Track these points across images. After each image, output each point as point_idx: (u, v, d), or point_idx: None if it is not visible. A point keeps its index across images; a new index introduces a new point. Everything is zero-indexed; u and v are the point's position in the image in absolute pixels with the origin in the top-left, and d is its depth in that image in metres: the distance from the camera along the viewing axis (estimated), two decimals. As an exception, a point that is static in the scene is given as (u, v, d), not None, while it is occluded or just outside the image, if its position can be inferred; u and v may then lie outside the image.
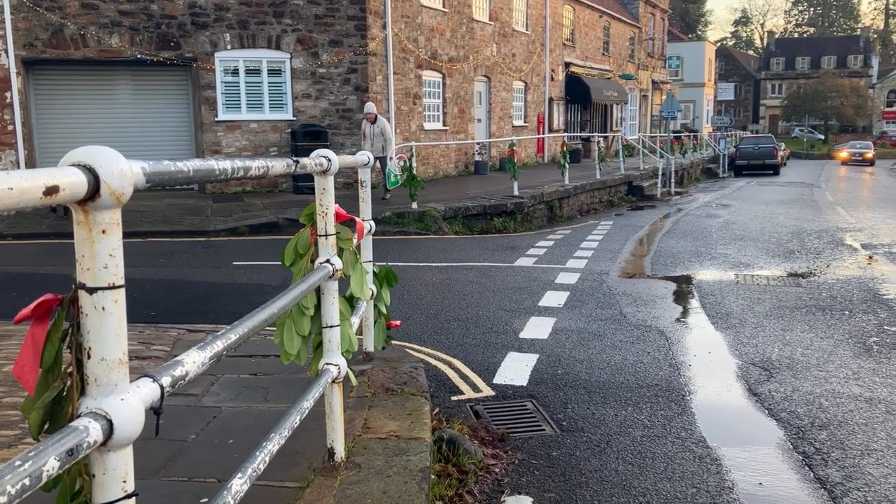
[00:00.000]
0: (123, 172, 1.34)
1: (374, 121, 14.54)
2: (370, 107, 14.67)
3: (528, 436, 4.53)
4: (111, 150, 1.33)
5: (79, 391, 1.40)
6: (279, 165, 2.35)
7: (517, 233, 14.05)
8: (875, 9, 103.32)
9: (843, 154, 47.94)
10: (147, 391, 1.46)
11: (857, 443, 4.38)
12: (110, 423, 1.33)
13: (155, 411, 1.51)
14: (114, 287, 1.36)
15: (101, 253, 1.34)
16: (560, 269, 9.99)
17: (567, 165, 18.31)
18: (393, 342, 5.18)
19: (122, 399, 1.36)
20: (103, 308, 1.35)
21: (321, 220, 3.06)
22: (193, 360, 1.67)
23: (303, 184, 16.04)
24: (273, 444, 2.35)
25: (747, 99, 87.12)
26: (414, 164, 14.33)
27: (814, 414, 4.84)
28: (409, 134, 19.55)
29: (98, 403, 1.34)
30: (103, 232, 1.33)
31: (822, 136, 74.00)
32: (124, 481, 1.39)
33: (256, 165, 2.11)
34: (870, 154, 47.27)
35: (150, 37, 16.45)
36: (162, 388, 1.51)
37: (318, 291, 3.10)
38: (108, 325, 1.36)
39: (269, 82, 17.25)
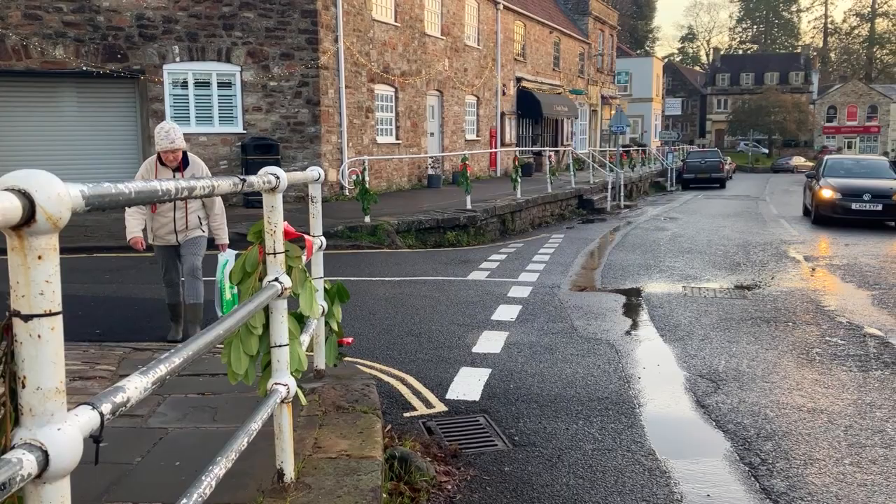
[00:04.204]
0: (61, 196, 1.31)
1: (179, 161, 6.21)
2: (171, 134, 6.06)
3: (480, 451, 4.53)
4: (47, 174, 1.30)
5: (13, 422, 1.36)
6: (225, 184, 2.32)
7: (470, 246, 14.10)
8: (814, 27, 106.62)
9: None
10: (86, 419, 1.42)
11: (801, 453, 4.48)
12: (46, 454, 1.29)
13: (94, 440, 1.48)
14: (50, 314, 1.32)
15: (37, 279, 1.30)
16: (512, 282, 10.05)
17: (519, 179, 18.46)
18: (345, 359, 5.14)
19: (59, 429, 1.32)
20: (39, 336, 1.31)
21: (269, 238, 3.02)
22: (135, 386, 1.64)
23: (253, 197, 15.85)
24: (219, 468, 2.31)
25: (694, 114, 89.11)
26: (367, 178, 14.29)
27: (759, 425, 4.94)
28: (362, 147, 19.52)
29: (33, 434, 1.30)
30: (39, 258, 1.30)
31: (766, 151, 76.05)
32: (61, 513, 1.35)
33: (201, 185, 2.09)
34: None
35: (96, 48, 16.15)
36: (102, 415, 1.48)
37: (267, 310, 3.06)
38: (44, 353, 1.32)
39: (219, 95, 17.07)
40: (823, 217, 17.81)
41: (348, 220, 13.96)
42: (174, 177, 6.05)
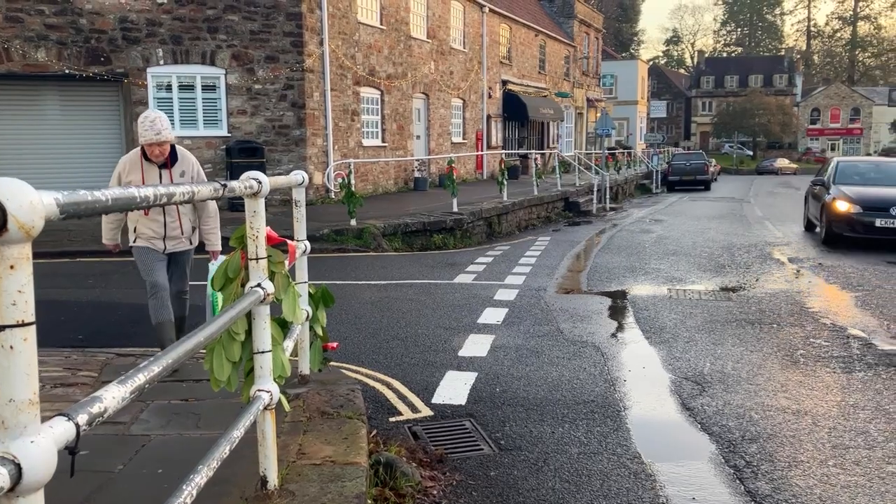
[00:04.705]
0: (33, 205, 1.28)
1: (167, 158, 5.46)
2: (157, 124, 5.29)
3: (466, 456, 4.52)
4: (19, 182, 1.28)
5: (-15, 435, 1.33)
6: (206, 190, 2.30)
7: (457, 249, 14.09)
8: (797, 30, 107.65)
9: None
10: (61, 431, 1.40)
11: (785, 455, 4.50)
12: (19, 467, 1.27)
13: (70, 451, 1.45)
14: (23, 325, 1.30)
15: (9, 289, 1.28)
16: (499, 285, 10.04)
17: (505, 182, 18.47)
18: (330, 364, 5.12)
19: (33, 441, 1.30)
20: (11, 347, 1.29)
21: (252, 244, 3.00)
22: (113, 396, 1.61)
23: (238, 201, 15.79)
24: (201, 477, 2.28)
25: (679, 116, 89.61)
26: (352, 181, 14.26)
27: (744, 427, 4.95)
28: (348, 150, 19.47)
29: (6, 447, 1.28)
30: (11, 267, 1.28)
31: (751, 153, 76.54)
32: (35, 528, 1.32)
33: (181, 191, 2.06)
34: None
35: (78, 51, 16.04)
36: (78, 426, 1.45)
37: (250, 316, 3.04)
38: (17, 364, 1.30)
39: (204, 98, 16.98)
40: (837, 235, 14.19)
41: (334, 223, 13.91)
42: (160, 174, 5.38)
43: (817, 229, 15.68)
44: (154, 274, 5.47)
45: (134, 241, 5.53)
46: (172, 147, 5.46)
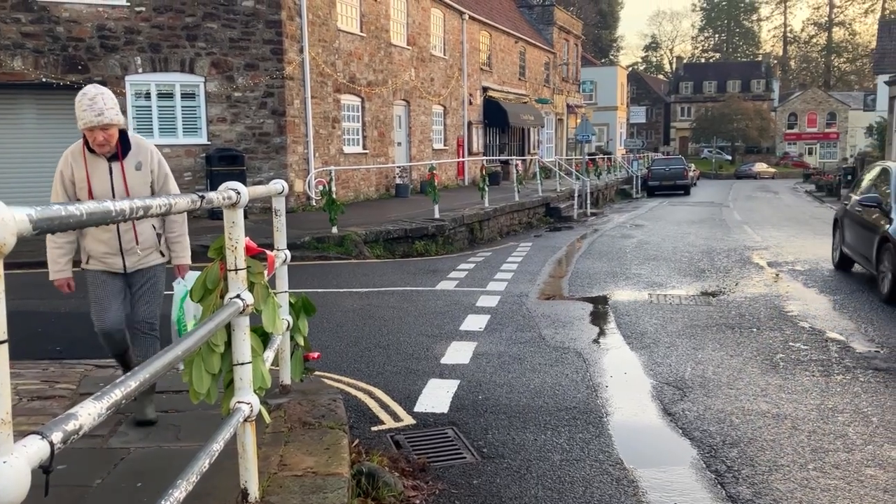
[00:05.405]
0: (5, 221, 1.27)
1: (116, 145, 4.19)
2: (97, 102, 4.03)
3: (449, 464, 4.51)
4: (-10, 199, 1.25)
5: (-44, 455, 1.31)
6: (183, 202, 2.28)
7: (439, 256, 14.08)
8: (774, 36, 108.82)
9: None
10: (35, 450, 1.38)
11: (766, 459, 4.53)
12: (-9, 488, 1.25)
13: (44, 470, 1.43)
14: (-5, 342, 1.28)
15: (-19, 307, 1.26)
16: (481, 291, 10.05)
17: (486, 188, 18.51)
18: (312, 373, 5.09)
19: (5, 462, 1.28)
20: (-17, 365, 1.27)
21: (230, 255, 2.98)
22: (89, 413, 1.59)
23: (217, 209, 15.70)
24: (180, 492, 2.25)
25: (658, 121, 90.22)
26: (334, 188, 14.23)
27: (725, 432, 4.98)
28: (329, 157, 19.43)
29: (-23, 468, 1.26)
30: (-18, 285, 1.26)
31: (730, 157, 77.17)
32: (8, 549, 1.30)
33: (157, 204, 2.05)
34: None
35: (55, 59, 15.89)
36: (52, 444, 1.43)
37: (229, 328, 3.02)
38: (-12, 383, 1.28)
39: (183, 106, 16.88)
40: None
41: (315, 230, 13.87)
42: (111, 169, 4.15)
43: (856, 266, 11.44)
44: (106, 316, 4.23)
45: (86, 263, 4.31)
46: (123, 134, 4.19)
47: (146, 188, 4.29)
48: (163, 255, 4.41)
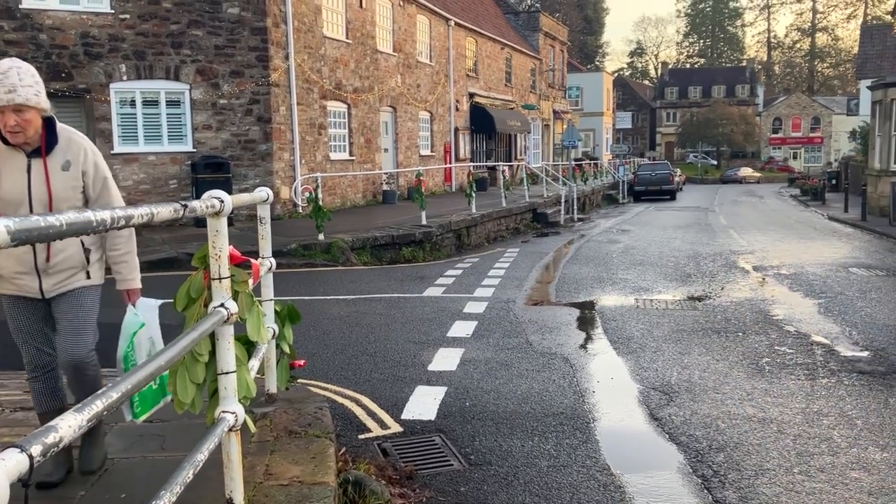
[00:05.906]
0: (-18, 233, 1.25)
1: (40, 135, 3.40)
2: (10, 76, 3.24)
3: (436, 472, 4.50)
4: (-34, 211, 1.23)
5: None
6: (165, 211, 2.27)
7: (426, 262, 14.08)
8: (758, 41, 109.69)
9: None
10: (13, 463, 1.36)
11: (752, 463, 4.54)
12: (-32, 503, 1.23)
13: (23, 483, 1.42)
14: (-28, 355, 1.26)
15: (-43, 320, 1.24)
16: (468, 298, 10.05)
17: (474, 194, 18.53)
18: (298, 381, 5.07)
19: (-18, 476, 1.27)
20: (-40, 379, 1.25)
21: (214, 263, 2.96)
22: (69, 425, 1.58)
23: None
24: (163, 503, 2.24)
25: (644, 127, 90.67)
26: (320, 195, 14.19)
27: (711, 436, 5.00)
28: (315, 164, 19.40)
29: (-46, 483, 1.24)
30: (-41, 297, 1.24)
31: (715, 162, 77.65)
32: (-14, 565, 1.29)
33: (139, 213, 2.03)
34: None
35: (38, 67, 15.75)
36: (31, 458, 1.41)
37: (213, 337, 3.00)
38: (-35, 396, 1.26)
39: (168, 113, 16.81)
40: None
41: (302, 237, 13.83)
42: (29, 167, 3.33)
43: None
44: (30, 347, 3.48)
45: None
46: (51, 125, 3.41)
47: (76, 194, 3.42)
48: (88, 276, 3.50)
